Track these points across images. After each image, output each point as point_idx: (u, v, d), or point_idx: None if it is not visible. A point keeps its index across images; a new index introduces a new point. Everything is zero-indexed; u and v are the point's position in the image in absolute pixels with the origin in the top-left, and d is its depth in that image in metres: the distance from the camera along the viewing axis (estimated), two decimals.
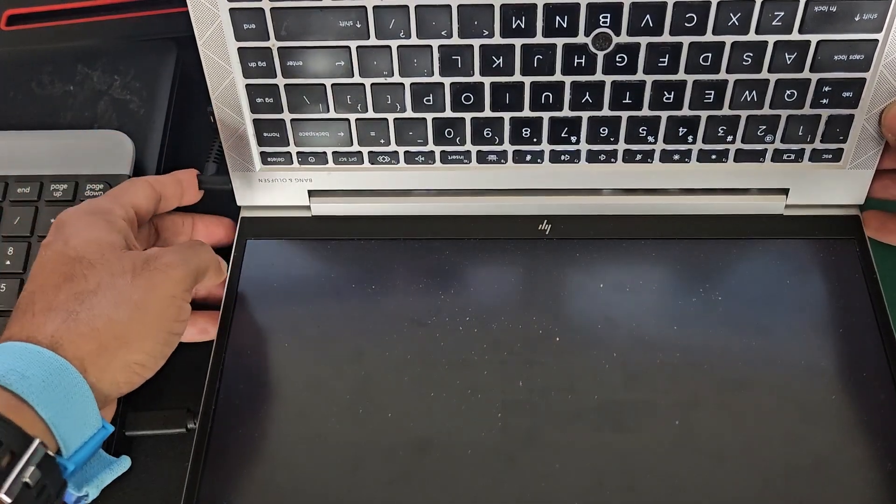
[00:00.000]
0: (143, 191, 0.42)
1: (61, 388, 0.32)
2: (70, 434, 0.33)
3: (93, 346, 0.34)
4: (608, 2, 0.39)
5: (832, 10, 0.39)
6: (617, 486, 0.39)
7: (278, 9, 0.40)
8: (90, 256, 0.36)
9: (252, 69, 0.42)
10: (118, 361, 0.35)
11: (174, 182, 0.43)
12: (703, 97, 0.42)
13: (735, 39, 0.40)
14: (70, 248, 0.36)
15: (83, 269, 0.36)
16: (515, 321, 0.43)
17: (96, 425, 0.34)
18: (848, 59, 0.40)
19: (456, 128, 0.44)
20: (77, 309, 0.34)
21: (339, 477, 0.39)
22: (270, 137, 0.44)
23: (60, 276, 0.36)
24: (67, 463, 0.32)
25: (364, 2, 0.39)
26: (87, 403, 0.33)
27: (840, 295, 0.44)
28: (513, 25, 0.40)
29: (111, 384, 0.35)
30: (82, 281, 0.35)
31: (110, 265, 0.36)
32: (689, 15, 0.39)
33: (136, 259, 0.37)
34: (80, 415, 0.33)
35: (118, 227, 0.38)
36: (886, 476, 0.39)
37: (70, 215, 0.39)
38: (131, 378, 0.36)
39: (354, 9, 0.39)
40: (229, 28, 0.40)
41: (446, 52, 0.41)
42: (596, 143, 0.44)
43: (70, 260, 0.36)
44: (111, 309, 0.35)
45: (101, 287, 0.35)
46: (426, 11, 0.39)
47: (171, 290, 0.37)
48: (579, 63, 0.41)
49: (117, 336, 0.35)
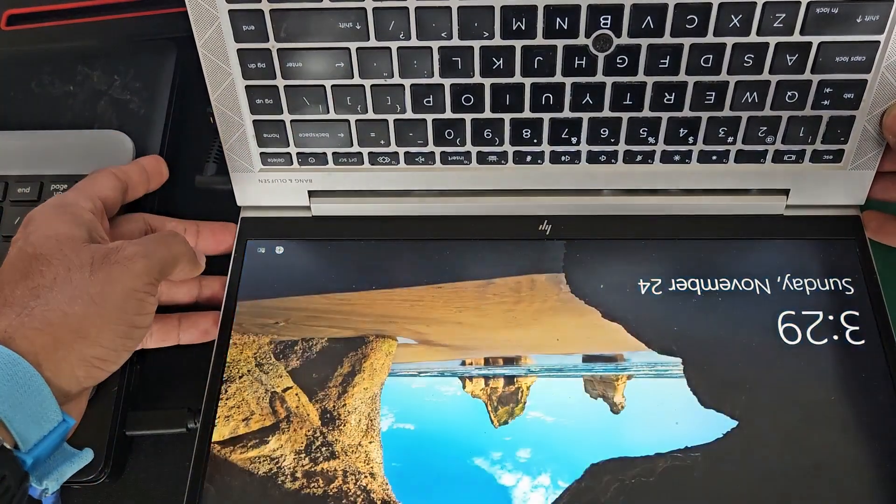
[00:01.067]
0: (108, 181, 0.42)
1: (13, 381, 0.32)
2: (26, 428, 0.32)
3: (47, 340, 0.34)
4: (609, 3, 0.39)
5: (834, 12, 0.39)
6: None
7: (278, 10, 0.40)
8: (47, 252, 0.36)
9: (251, 70, 0.42)
10: (75, 355, 0.34)
11: (138, 170, 0.44)
12: (703, 98, 0.42)
13: (736, 41, 0.40)
14: (29, 245, 0.36)
15: (40, 265, 0.35)
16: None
17: (56, 419, 0.33)
18: (849, 61, 0.40)
19: (456, 129, 0.43)
20: (32, 304, 0.34)
21: None
22: (270, 138, 0.44)
23: (18, 272, 0.35)
24: (26, 457, 0.32)
25: (364, 3, 0.39)
26: (44, 397, 0.33)
27: (840, 295, 0.44)
28: (513, 27, 0.39)
29: (70, 378, 0.34)
30: (38, 276, 0.35)
31: (67, 260, 0.36)
32: (690, 16, 0.39)
33: (96, 252, 0.36)
34: (35, 408, 0.32)
35: (83, 220, 0.38)
36: (885, 476, 0.39)
37: (37, 212, 0.39)
38: (91, 372, 0.35)
39: (354, 10, 0.39)
40: (228, 30, 0.40)
41: (446, 53, 0.41)
42: (596, 144, 0.44)
43: (28, 257, 0.36)
44: (66, 303, 0.34)
45: (57, 282, 0.35)
46: (426, 13, 0.39)
47: (131, 284, 0.36)
48: (580, 64, 0.41)
49: (73, 330, 0.34)
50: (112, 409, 0.42)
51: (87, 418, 0.41)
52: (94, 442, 0.40)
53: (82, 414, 0.38)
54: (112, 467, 0.42)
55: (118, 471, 0.43)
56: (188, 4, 0.39)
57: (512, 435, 0.40)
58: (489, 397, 0.41)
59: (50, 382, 0.33)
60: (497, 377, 0.42)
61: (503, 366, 0.42)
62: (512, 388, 0.42)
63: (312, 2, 0.39)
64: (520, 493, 0.39)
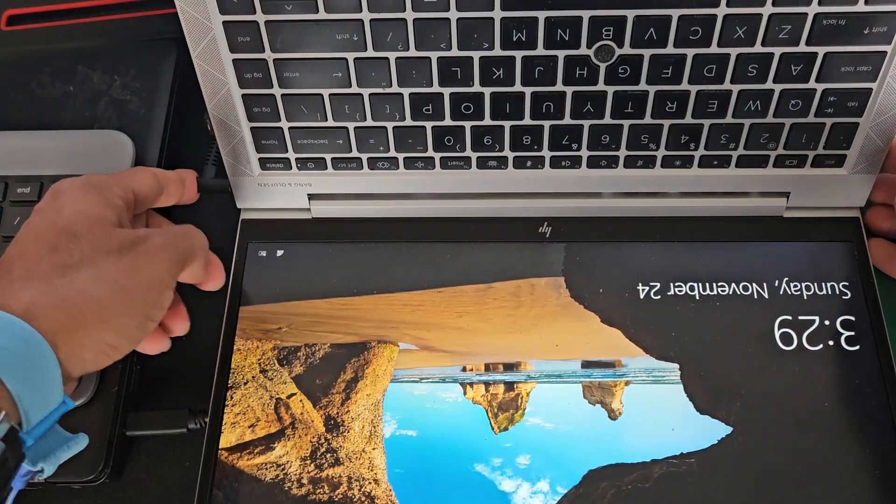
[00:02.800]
0: (147, 179, 0.41)
1: (31, 362, 0.31)
2: (33, 408, 0.32)
3: (68, 321, 0.33)
4: (611, 15, 0.38)
5: (841, 24, 0.38)
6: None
7: (273, 22, 0.39)
8: (78, 229, 0.35)
9: (248, 80, 0.41)
10: (91, 339, 0.34)
11: (178, 179, 0.43)
12: (706, 107, 0.42)
13: (741, 51, 0.39)
14: (60, 218, 0.36)
15: (69, 241, 0.35)
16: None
17: (58, 400, 0.33)
18: (855, 71, 0.40)
19: (456, 135, 0.43)
20: (57, 281, 0.34)
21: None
22: (268, 144, 0.44)
23: (45, 244, 0.35)
24: (27, 437, 0.32)
25: (361, 15, 0.39)
26: (53, 378, 0.32)
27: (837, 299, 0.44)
28: (513, 38, 0.39)
29: (78, 361, 0.34)
30: (66, 253, 0.35)
31: (97, 241, 0.35)
32: (694, 28, 0.38)
33: (124, 238, 0.36)
34: (45, 390, 0.32)
35: (113, 204, 0.38)
36: (878, 482, 0.40)
37: (67, 184, 0.38)
38: (99, 358, 0.35)
39: (351, 22, 0.39)
40: (223, 40, 0.40)
41: (445, 63, 0.40)
42: (597, 150, 0.44)
43: (58, 230, 0.35)
44: (92, 285, 0.34)
45: (85, 262, 0.34)
46: (424, 24, 0.39)
47: (157, 275, 0.36)
48: (581, 74, 0.40)
49: (94, 313, 0.34)
50: (112, 409, 0.42)
51: (87, 418, 0.42)
52: (95, 442, 0.41)
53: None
54: (112, 467, 0.42)
55: (118, 471, 0.43)
56: (181, 16, 0.39)
57: (512, 441, 0.41)
58: (489, 403, 0.42)
59: (61, 364, 0.33)
60: (497, 383, 0.43)
61: (503, 372, 0.43)
62: (512, 394, 0.43)
63: (308, 13, 0.39)
64: (519, 499, 0.40)
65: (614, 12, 0.38)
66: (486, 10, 0.38)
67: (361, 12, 0.38)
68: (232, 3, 0.38)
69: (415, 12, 0.38)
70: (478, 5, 0.38)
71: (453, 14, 0.38)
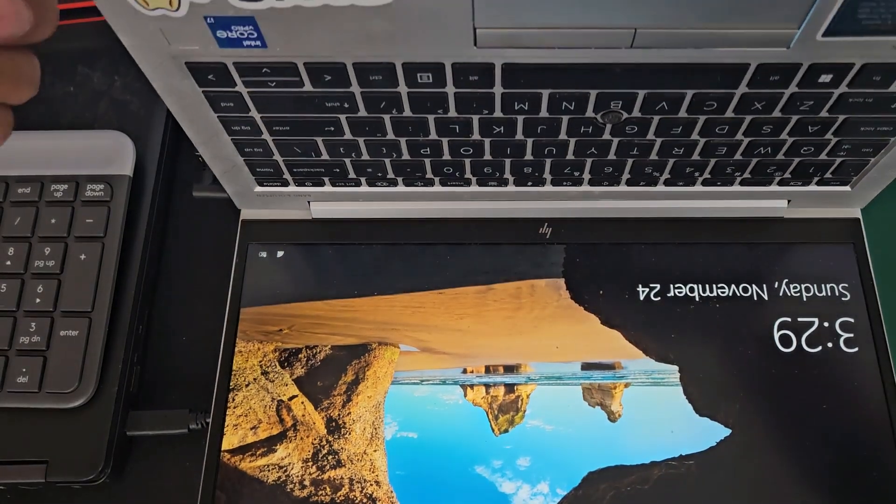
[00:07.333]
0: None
1: None
2: None
3: None
4: (621, 91, 0.35)
5: (868, 102, 0.35)
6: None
7: (258, 94, 0.35)
8: None
9: (237, 131, 0.39)
10: None
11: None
12: (714, 151, 0.40)
13: (756, 118, 0.37)
14: None
15: None
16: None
17: None
18: (875, 130, 0.38)
19: (455, 166, 0.42)
20: None
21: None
22: (264, 172, 0.43)
23: None
24: None
25: (351, 88, 0.35)
26: None
27: (836, 301, 0.44)
28: (515, 108, 0.36)
29: None
30: None
31: None
32: (710, 102, 0.36)
33: None
34: None
35: None
36: (876, 485, 0.40)
37: None
38: None
39: (341, 93, 0.35)
40: (206, 105, 0.37)
41: (443, 122, 0.37)
42: (599, 176, 0.43)
43: None
44: None
45: None
46: (419, 96, 0.35)
47: None
48: (585, 131, 0.38)
49: None
50: (112, 409, 0.43)
51: (87, 418, 0.42)
52: (95, 442, 0.41)
53: None
54: (112, 467, 0.42)
55: (118, 471, 0.43)
56: (155, 85, 0.35)
57: (512, 443, 0.42)
58: (490, 405, 0.43)
59: None
60: (497, 385, 0.43)
61: (503, 374, 0.43)
62: (512, 396, 0.43)
63: (293, 88, 0.35)
64: (519, 501, 0.40)
65: (624, 89, 0.35)
66: (485, 87, 0.35)
67: (351, 86, 0.35)
68: (209, 80, 0.35)
69: (409, 87, 0.35)
70: (476, 83, 0.34)
71: (451, 89, 0.35)
